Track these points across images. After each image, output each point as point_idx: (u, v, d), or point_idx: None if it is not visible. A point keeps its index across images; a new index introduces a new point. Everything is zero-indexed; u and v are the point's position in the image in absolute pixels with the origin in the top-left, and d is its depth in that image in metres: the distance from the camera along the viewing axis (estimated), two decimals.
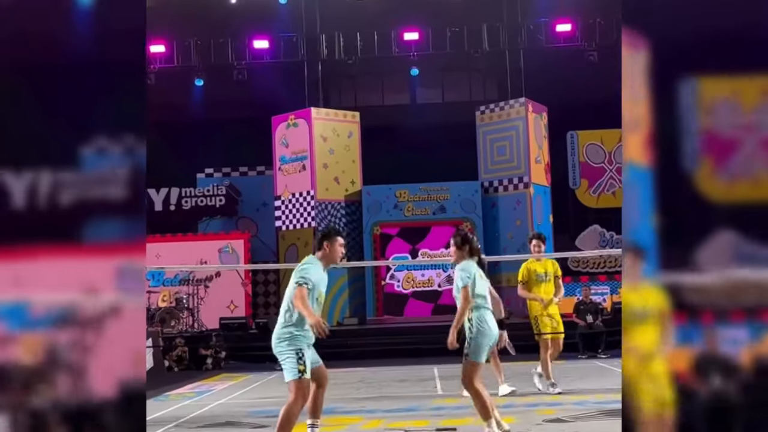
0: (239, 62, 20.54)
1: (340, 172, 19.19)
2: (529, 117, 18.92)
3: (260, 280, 19.73)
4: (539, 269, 9.26)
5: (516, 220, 18.83)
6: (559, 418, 7.37)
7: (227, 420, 8.23)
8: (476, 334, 5.87)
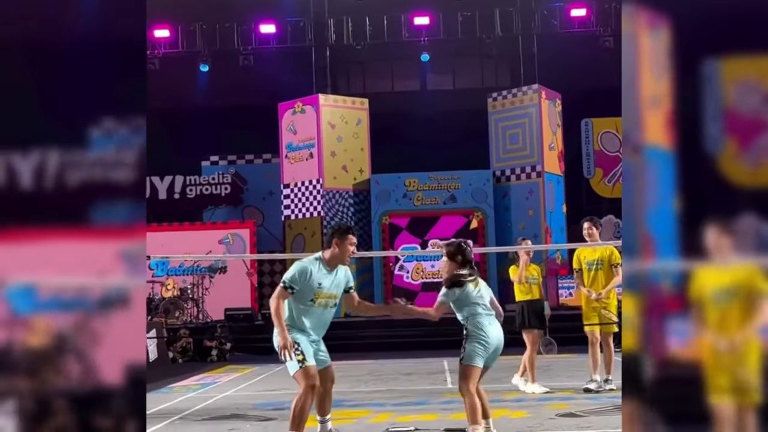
0: (245, 47, 20.51)
1: (348, 160, 19.19)
2: (542, 104, 18.87)
3: (266, 270, 19.78)
4: (590, 256, 8.85)
5: (528, 209, 18.81)
6: (572, 412, 7.38)
7: (232, 413, 8.28)
8: (470, 340, 5.89)
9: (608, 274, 8.59)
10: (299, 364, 5.69)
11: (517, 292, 9.31)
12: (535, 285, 9.21)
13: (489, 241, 18.56)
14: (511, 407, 7.88)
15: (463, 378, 5.82)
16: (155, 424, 7.43)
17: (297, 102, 19.25)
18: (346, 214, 18.98)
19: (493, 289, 20.47)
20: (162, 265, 18.12)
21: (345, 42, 20.59)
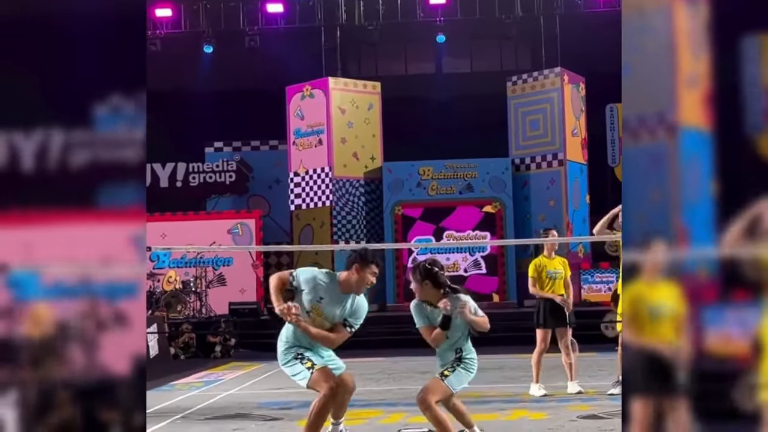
0: (251, 28, 20.50)
1: (359, 147, 19.18)
2: (564, 88, 18.80)
3: (272, 262, 19.82)
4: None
5: (549, 200, 18.77)
6: (594, 414, 7.37)
7: (237, 412, 8.31)
8: (463, 364, 5.81)
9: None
10: (309, 370, 5.62)
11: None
12: (559, 280, 9.00)
13: (507, 233, 18.54)
14: (531, 408, 7.89)
15: (431, 392, 5.68)
16: (156, 423, 7.45)
17: (305, 85, 19.25)
18: (356, 204, 18.99)
19: (511, 284, 20.39)
20: (163, 256, 18.18)
21: (356, 22, 20.55)
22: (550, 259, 9.01)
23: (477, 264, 18.91)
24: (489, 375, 10.97)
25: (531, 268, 9.07)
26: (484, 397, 8.83)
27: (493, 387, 9.69)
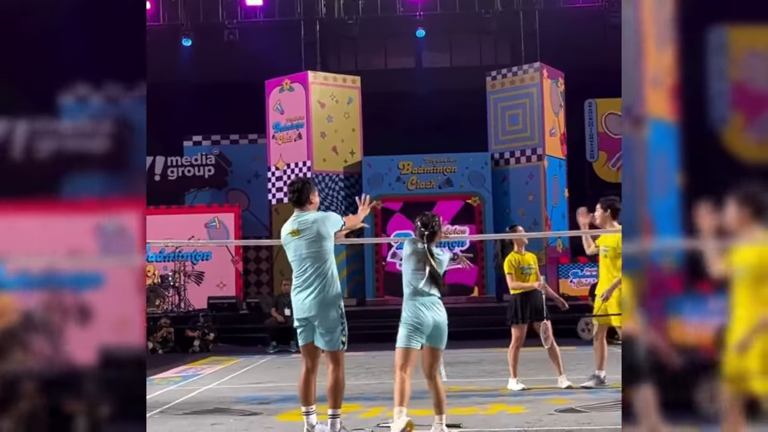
0: (230, 21, 20.42)
1: (338, 141, 19.16)
2: (544, 83, 18.85)
3: (252, 257, 19.77)
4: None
5: (528, 194, 18.83)
6: (572, 408, 7.41)
7: (215, 406, 8.29)
8: (402, 324, 6.14)
9: (616, 262, 8.47)
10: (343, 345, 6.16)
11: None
12: (533, 275, 9.05)
13: (486, 227, 18.57)
14: (509, 402, 7.91)
15: (395, 359, 6.12)
16: None
17: (285, 79, 19.19)
18: (336, 198, 18.97)
19: (491, 278, 20.41)
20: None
21: (336, 16, 20.52)
22: (522, 255, 9.06)
23: (457, 258, 18.89)
24: (468, 369, 11.01)
25: (506, 265, 9.09)
26: (463, 391, 8.86)
27: (472, 381, 9.72)
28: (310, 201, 6.28)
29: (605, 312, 8.56)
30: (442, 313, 6.16)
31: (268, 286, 19.47)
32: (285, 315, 15.13)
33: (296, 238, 6.16)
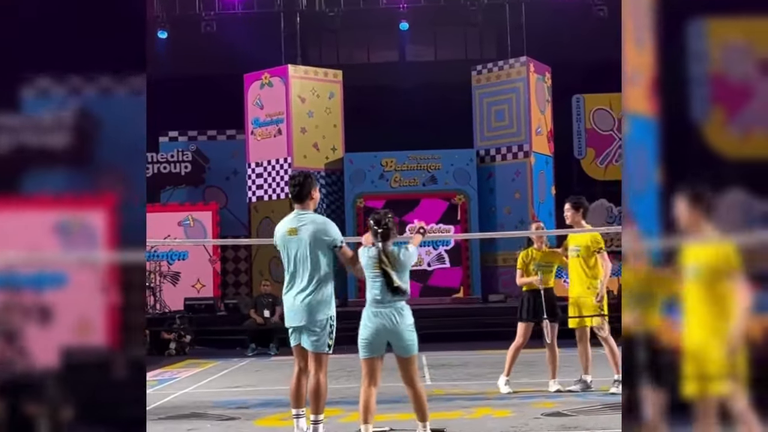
0: (207, 13, 20.32)
1: (319, 137, 19.11)
2: (530, 78, 18.88)
3: (230, 256, 19.70)
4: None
5: (515, 192, 18.85)
6: (559, 411, 7.41)
7: (192, 411, 8.26)
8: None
9: (588, 261, 8.45)
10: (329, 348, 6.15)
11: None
12: (550, 273, 8.81)
13: (472, 226, 18.59)
14: (494, 406, 7.91)
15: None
16: None
17: (264, 73, 19.12)
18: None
19: (476, 278, 20.40)
20: None
21: (317, 8, 20.46)
22: (540, 251, 8.91)
23: (441, 258, 18.94)
24: (452, 372, 11.00)
25: (519, 260, 8.96)
26: (448, 394, 8.86)
27: (457, 384, 9.71)
28: (311, 196, 6.26)
29: (579, 312, 8.52)
30: (400, 320, 5.94)
31: (247, 286, 19.41)
32: (264, 316, 15.08)
33: (294, 237, 6.12)
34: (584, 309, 8.47)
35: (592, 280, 8.45)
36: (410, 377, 6.07)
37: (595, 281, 8.44)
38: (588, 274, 8.43)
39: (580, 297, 8.52)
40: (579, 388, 8.57)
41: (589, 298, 8.42)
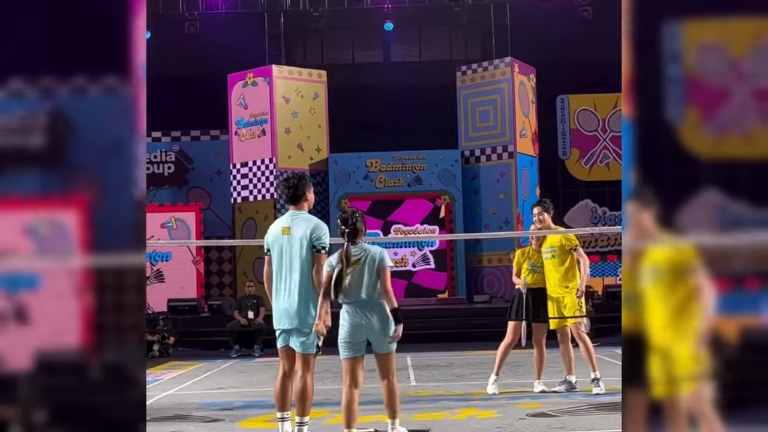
0: (191, 13, 20.28)
1: (304, 137, 19.07)
2: (515, 79, 18.91)
3: (214, 257, 19.62)
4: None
5: (499, 193, 18.87)
6: (544, 412, 7.41)
7: (176, 413, 8.20)
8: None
9: (561, 260, 8.41)
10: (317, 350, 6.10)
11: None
12: (537, 272, 8.75)
13: (457, 227, 18.60)
14: (479, 407, 7.90)
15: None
16: None
17: (248, 73, 19.06)
18: None
19: (461, 279, 20.38)
20: None
21: (301, 8, 20.44)
22: (537, 251, 8.85)
23: (425, 259, 18.94)
24: (437, 373, 10.99)
25: (515, 258, 8.99)
26: (432, 395, 8.84)
27: (441, 385, 9.70)
28: (306, 198, 6.27)
29: (559, 313, 8.49)
30: (376, 317, 5.96)
31: (231, 287, 19.34)
32: (248, 317, 15.02)
33: (287, 236, 6.11)
34: (563, 309, 8.45)
35: (569, 280, 8.42)
36: (386, 372, 6.09)
37: (573, 281, 8.41)
38: (564, 274, 8.41)
39: (558, 297, 8.49)
40: (564, 388, 8.57)
41: (568, 296, 8.40)
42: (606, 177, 20.90)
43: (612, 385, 8.72)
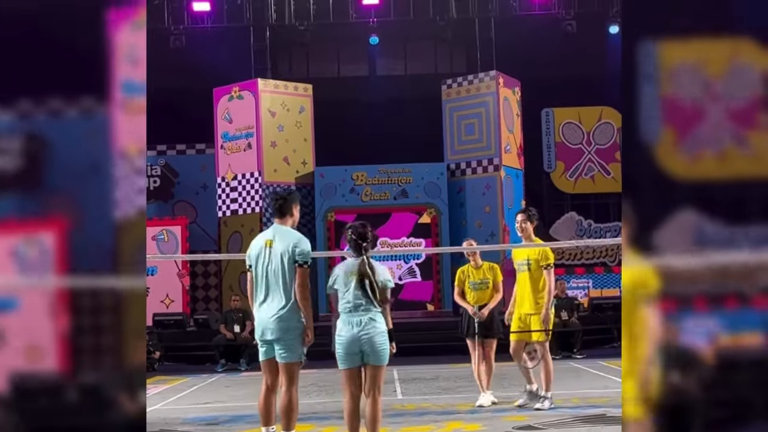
0: (177, 27, 20.26)
1: (290, 151, 19.07)
2: (500, 92, 18.97)
3: (199, 271, 19.57)
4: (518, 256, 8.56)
5: (485, 206, 18.91)
6: (530, 425, 7.43)
7: (161, 428, 8.20)
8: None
9: (536, 276, 8.28)
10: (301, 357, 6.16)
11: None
12: (485, 290, 8.84)
13: (443, 240, 18.62)
14: (465, 420, 7.91)
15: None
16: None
17: (234, 87, 19.06)
18: None
19: (447, 292, 20.31)
20: None
21: (287, 22, 20.46)
22: (476, 269, 8.96)
23: (412, 272, 18.94)
24: (424, 386, 10.98)
25: (456, 277, 9.10)
26: (418, 408, 8.85)
27: (428, 398, 9.71)
28: (292, 213, 6.34)
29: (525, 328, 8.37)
30: (376, 329, 6.02)
31: (217, 301, 19.28)
32: (234, 332, 14.98)
33: (269, 249, 6.13)
34: (532, 325, 8.29)
35: (541, 298, 8.24)
36: (376, 387, 6.09)
37: (543, 300, 8.23)
38: (537, 289, 8.25)
39: (528, 314, 8.32)
40: (527, 399, 8.50)
41: (536, 317, 8.24)
42: (591, 189, 20.97)
43: (598, 397, 8.74)
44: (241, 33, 20.61)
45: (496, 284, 8.92)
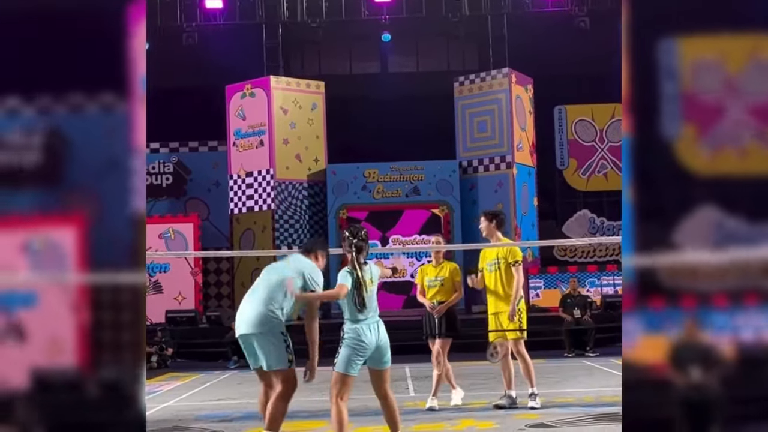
0: (189, 24, 20.29)
1: (302, 148, 19.08)
2: (512, 89, 18.94)
3: (212, 268, 19.61)
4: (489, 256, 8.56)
5: (497, 203, 18.84)
6: (543, 423, 7.43)
7: (174, 425, 8.21)
8: (343, 345, 6.02)
9: (507, 274, 8.29)
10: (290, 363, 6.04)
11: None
12: (442, 287, 8.77)
13: (455, 237, 18.59)
14: (478, 417, 7.90)
15: (333, 385, 6.00)
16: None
17: (246, 84, 19.09)
18: (299, 208, 18.88)
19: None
20: None
21: (299, 19, 20.46)
22: (436, 267, 8.90)
23: None
24: None
25: (418, 276, 9.09)
26: (432, 406, 8.81)
27: (440, 396, 9.67)
28: (317, 257, 6.35)
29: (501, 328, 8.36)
30: (384, 334, 6.07)
31: (229, 298, 19.32)
32: None
33: (283, 266, 6.24)
34: (505, 324, 8.29)
35: (511, 294, 8.25)
36: (386, 389, 6.12)
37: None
38: (508, 287, 8.26)
39: (500, 312, 8.33)
40: (506, 402, 8.44)
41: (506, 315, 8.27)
42: (604, 187, 20.91)
43: (611, 395, 8.72)
44: (254, 30, 20.63)
45: (455, 283, 8.85)
